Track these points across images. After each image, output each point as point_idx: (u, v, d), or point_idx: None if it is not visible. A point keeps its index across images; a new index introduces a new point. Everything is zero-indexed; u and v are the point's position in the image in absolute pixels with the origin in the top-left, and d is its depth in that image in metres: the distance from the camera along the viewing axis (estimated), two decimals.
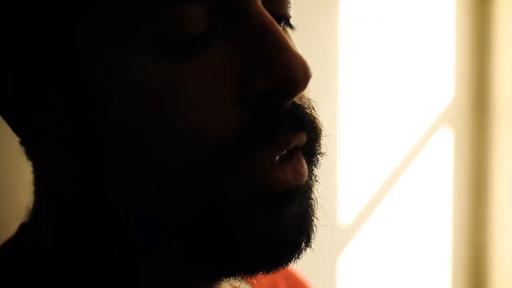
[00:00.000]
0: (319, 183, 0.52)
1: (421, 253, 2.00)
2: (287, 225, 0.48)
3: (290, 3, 0.52)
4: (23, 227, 0.57)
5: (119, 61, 0.46)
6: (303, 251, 0.50)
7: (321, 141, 0.52)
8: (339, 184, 1.73)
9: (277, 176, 0.48)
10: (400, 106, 1.88)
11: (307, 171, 0.50)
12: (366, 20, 1.74)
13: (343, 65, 1.69)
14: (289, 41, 0.48)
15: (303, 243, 0.50)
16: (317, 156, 0.52)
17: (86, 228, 0.52)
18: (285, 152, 0.49)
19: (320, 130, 0.52)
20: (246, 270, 0.50)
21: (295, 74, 0.47)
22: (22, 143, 0.54)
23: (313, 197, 0.51)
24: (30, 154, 0.54)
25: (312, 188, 0.52)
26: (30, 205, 0.56)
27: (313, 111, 0.51)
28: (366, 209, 1.82)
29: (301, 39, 0.54)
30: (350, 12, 1.68)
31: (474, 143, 2.16)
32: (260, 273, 0.50)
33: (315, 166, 0.52)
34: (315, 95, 0.53)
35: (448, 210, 2.09)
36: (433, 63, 1.98)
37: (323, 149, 0.52)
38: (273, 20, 0.48)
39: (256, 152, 0.47)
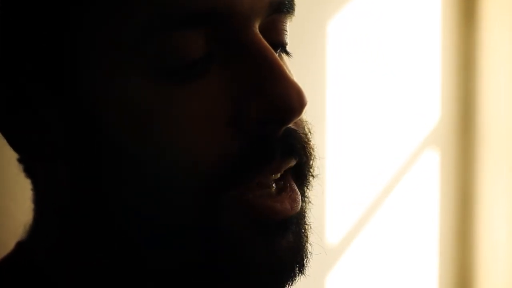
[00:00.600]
0: (312, 204, 0.53)
1: (408, 274, 2.01)
2: (284, 253, 0.49)
3: (286, 31, 0.53)
4: (20, 244, 0.57)
5: (115, 81, 0.47)
6: (297, 278, 0.51)
7: (313, 164, 0.53)
8: (327, 205, 1.74)
9: (275, 206, 0.48)
10: (387, 127, 1.90)
11: (300, 197, 0.51)
12: (353, 44, 1.76)
13: (330, 88, 1.70)
14: (285, 69, 0.48)
15: (297, 270, 0.50)
16: (308, 179, 0.53)
17: (84, 243, 0.52)
18: (279, 178, 0.49)
19: (311, 154, 0.52)
20: None
21: (291, 102, 0.47)
22: (20, 160, 0.54)
23: (307, 222, 0.52)
24: (28, 171, 0.54)
25: (306, 212, 0.52)
26: (29, 222, 0.56)
27: (308, 134, 0.52)
28: (353, 229, 1.83)
29: (288, 61, 0.55)
30: (337, 37, 1.70)
31: (460, 164, 2.18)
32: None
33: (307, 188, 0.53)
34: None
35: (434, 230, 2.10)
36: (419, 85, 2.00)
37: (315, 172, 0.53)
38: (270, 48, 0.49)
39: (250, 178, 0.48)
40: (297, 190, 0.50)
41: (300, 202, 0.50)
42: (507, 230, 2.16)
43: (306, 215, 0.52)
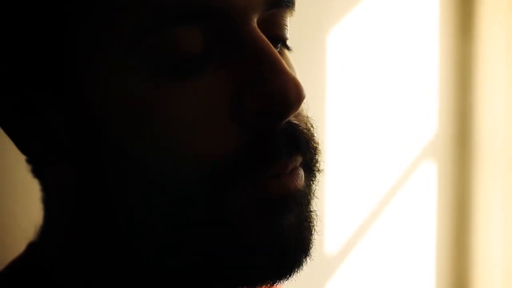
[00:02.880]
0: (317, 198, 0.53)
1: (406, 283, 2.01)
2: (286, 234, 0.49)
3: (286, 25, 0.53)
4: (30, 246, 0.57)
5: (115, 81, 0.47)
6: (303, 262, 0.51)
7: (319, 159, 0.53)
8: (325, 214, 1.74)
9: (275, 183, 0.49)
10: (385, 139, 1.91)
11: (303, 178, 0.51)
12: (351, 55, 1.77)
13: (328, 100, 1.71)
14: (283, 63, 0.48)
15: (303, 254, 0.51)
16: (314, 172, 0.53)
17: (90, 243, 0.52)
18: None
19: (316, 148, 0.52)
20: (250, 281, 0.50)
21: (288, 95, 0.47)
22: (28, 161, 0.55)
23: (311, 209, 0.52)
24: (36, 172, 0.55)
25: (311, 200, 0.52)
26: (40, 223, 0.56)
27: (311, 128, 0.52)
28: (351, 239, 1.83)
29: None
30: (336, 48, 1.71)
31: (457, 176, 2.18)
32: (264, 284, 0.50)
33: (312, 181, 0.53)
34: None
35: (431, 242, 2.10)
36: (417, 97, 2.01)
37: (321, 166, 0.53)
38: (268, 42, 0.49)
39: (255, 170, 0.48)
40: (299, 171, 0.50)
41: (302, 180, 0.50)
42: (503, 241, 2.16)
43: (311, 202, 0.52)
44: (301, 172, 0.51)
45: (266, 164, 0.48)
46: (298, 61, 0.53)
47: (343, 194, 1.79)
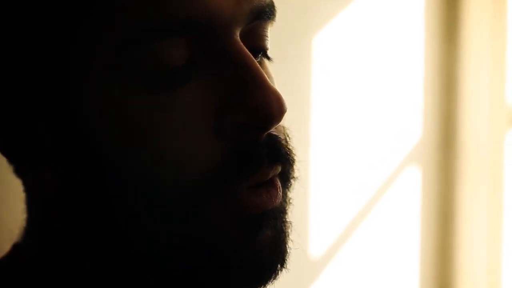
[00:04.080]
0: (293, 205, 0.54)
1: None
2: (263, 247, 0.50)
3: (267, 36, 0.54)
4: (14, 247, 0.57)
5: (102, 93, 0.47)
6: (279, 272, 0.51)
7: (295, 168, 0.54)
8: (310, 219, 1.75)
9: (253, 199, 0.49)
10: (370, 144, 1.92)
11: (281, 193, 0.52)
12: (337, 60, 1.78)
13: (313, 105, 1.72)
14: (265, 76, 0.49)
15: (279, 264, 0.51)
16: (290, 181, 0.54)
17: (67, 245, 0.53)
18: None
19: (294, 159, 0.53)
20: None
21: (271, 109, 0.48)
22: (9, 161, 0.55)
23: (287, 219, 0.53)
24: (19, 172, 0.55)
25: (286, 211, 0.53)
26: (23, 223, 0.57)
27: (288, 139, 0.53)
28: (335, 244, 1.84)
29: (273, 74, 0.56)
30: (321, 52, 1.72)
31: (441, 181, 2.20)
32: None
33: (288, 190, 0.54)
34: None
35: (415, 246, 2.12)
36: (401, 103, 2.02)
37: (296, 174, 0.54)
38: (250, 56, 0.49)
39: (236, 183, 0.48)
40: (278, 185, 0.51)
41: (280, 197, 0.51)
42: (487, 246, 2.18)
43: (287, 213, 0.53)
44: (279, 185, 0.52)
45: (246, 172, 0.49)
46: (284, 65, 0.54)
47: (328, 199, 1.80)
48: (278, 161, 0.51)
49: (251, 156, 0.49)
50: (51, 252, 0.54)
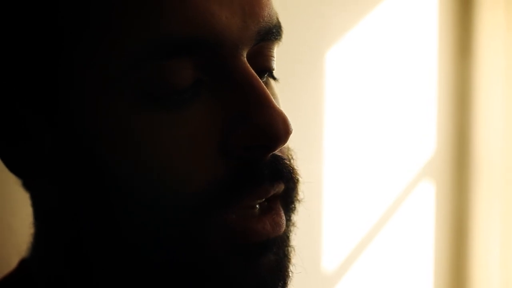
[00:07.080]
0: (297, 228, 0.54)
1: None
2: (264, 272, 0.50)
3: (273, 57, 0.54)
4: (22, 262, 0.57)
5: (107, 109, 0.48)
6: None
7: (299, 189, 0.54)
8: (323, 234, 1.74)
9: (256, 228, 0.50)
10: (383, 159, 1.91)
11: (285, 221, 0.52)
12: (350, 75, 1.78)
13: (327, 119, 1.72)
14: (271, 97, 0.50)
15: (281, 286, 0.51)
16: (295, 203, 0.54)
17: (73, 261, 0.53)
18: (264, 200, 0.51)
19: (298, 179, 0.53)
20: None
21: (276, 130, 0.48)
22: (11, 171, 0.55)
23: (290, 244, 0.53)
24: (26, 185, 0.55)
25: (290, 236, 0.53)
26: (30, 238, 0.57)
27: (292, 160, 0.53)
28: (348, 260, 1.83)
29: (286, 90, 0.56)
30: (334, 68, 1.72)
31: (455, 196, 2.19)
32: None
33: (292, 213, 0.54)
34: (299, 148, 0.55)
35: (429, 262, 2.10)
36: (415, 118, 2.02)
37: (300, 196, 0.54)
38: (257, 77, 0.50)
39: (237, 201, 0.49)
40: (281, 213, 0.52)
41: (283, 225, 0.51)
42: (500, 262, 2.16)
43: (290, 237, 0.53)
44: (283, 216, 0.52)
45: (249, 188, 0.49)
46: (297, 82, 0.54)
47: (342, 214, 1.79)
48: (280, 179, 0.51)
49: (253, 175, 0.49)
50: (54, 265, 0.55)
